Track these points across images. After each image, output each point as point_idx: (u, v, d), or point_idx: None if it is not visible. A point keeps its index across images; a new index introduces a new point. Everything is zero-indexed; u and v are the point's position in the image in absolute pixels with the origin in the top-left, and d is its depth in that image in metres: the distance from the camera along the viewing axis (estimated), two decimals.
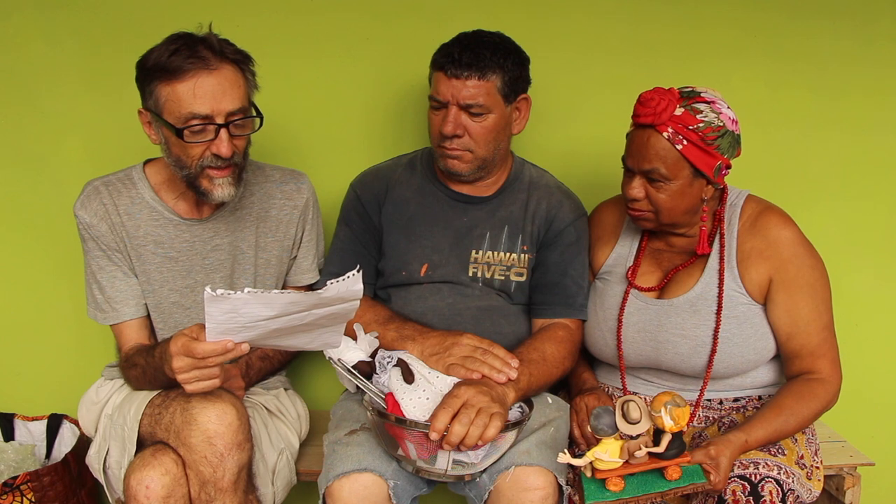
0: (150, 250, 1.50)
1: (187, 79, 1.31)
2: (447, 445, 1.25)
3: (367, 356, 1.44)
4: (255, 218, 1.58)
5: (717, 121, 1.38)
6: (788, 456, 1.39)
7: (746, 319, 1.46)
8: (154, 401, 1.39)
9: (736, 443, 1.31)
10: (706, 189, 1.44)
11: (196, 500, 1.32)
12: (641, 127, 1.40)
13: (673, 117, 1.36)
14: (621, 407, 1.20)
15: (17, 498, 1.72)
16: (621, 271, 1.59)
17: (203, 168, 1.37)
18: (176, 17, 1.86)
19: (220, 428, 1.29)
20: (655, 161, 1.38)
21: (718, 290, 1.46)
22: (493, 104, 1.51)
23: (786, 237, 1.45)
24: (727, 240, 1.49)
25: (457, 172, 1.57)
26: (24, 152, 1.92)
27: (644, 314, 1.52)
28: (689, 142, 1.37)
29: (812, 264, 1.45)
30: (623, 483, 1.23)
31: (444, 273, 1.60)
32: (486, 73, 1.48)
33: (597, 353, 1.62)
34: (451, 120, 1.51)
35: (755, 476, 1.30)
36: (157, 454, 1.31)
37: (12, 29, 1.87)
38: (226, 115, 1.34)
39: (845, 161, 2.04)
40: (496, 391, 1.33)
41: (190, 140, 1.34)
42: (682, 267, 1.53)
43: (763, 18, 1.96)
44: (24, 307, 1.99)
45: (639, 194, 1.43)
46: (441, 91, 1.51)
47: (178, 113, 1.32)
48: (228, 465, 1.31)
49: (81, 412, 1.58)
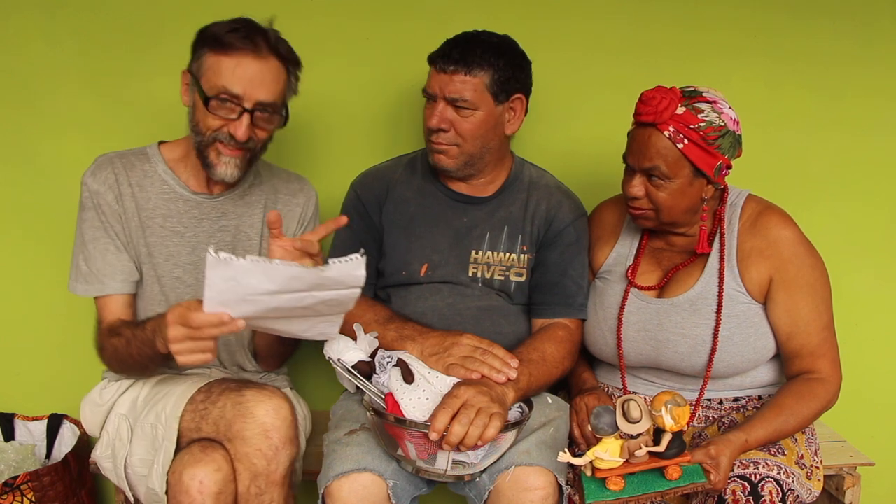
0: (158, 223, 1.52)
1: (234, 56, 1.37)
2: (447, 446, 1.25)
3: (367, 356, 1.44)
4: (262, 207, 1.60)
5: (718, 120, 1.38)
6: (788, 456, 1.39)
7: (746, 319, 1.46)
8: (196, 397, 1.39)
9: (736, 442, 1.31)
10: (706, 188, 1.44)
11: (244, 493, 1.33)
12: (643, 125, 1.40)
13: (674, 116, 1.37)
14: (622, 406, 1.20)
15: (17, 498, 1.72)
16: (621, 270, 1.59)
17: (215, 140, 1.42)
18: (176, 18, 1.88)
19: (276, 422, 1.32)
20: (656, 159, 1.38)
21: (718, 289, 1.46)
22: (480, 101, 1.52)
23: (786, 237, 1.45)
24: (727, 239, 1.48)
25: (443, 167, 1.58)
26: (24, 152, 1.92)
27: (644, 313, 1.51)
28: (689, 141, 1.37)
29: (812, 264, 1.45)
30: (623, 482, 1.23)
31: (444, 273, 1.60)
32: (473, 69, 1.49)
33: (597, 352, 1.61)
34: (437, 113, 1.52)
35: (755, 476, 1.30)
36: (206, 450, 1.32)
37: (12, 29, 1.87)
38: (255, 103, 1.39)
39: (845, 161, 2.04)
40: (496, 391, 1.33)
41: (214, 111, 1.39)
42: (682, 266, 1.53)
43: (763, 19, 1.97)
44: (24, 307, 1.99)
45: (639, 192, 1.44)
46: (431, 84, 1.53)
47: (214, 83, 1.38)
48: (282, 458, 1.33)
49: (85, 414, 1.59)
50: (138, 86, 1.90)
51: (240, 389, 1.35)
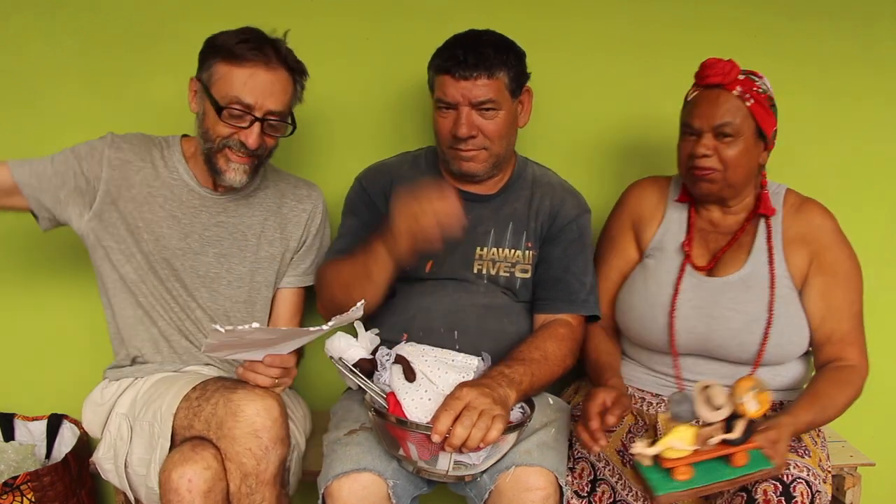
0: (159, 203, 1.55)
1: (246, 67, 1.42)
2: (449, 448, 1.25)
3: (368, 353, 1.44)
4: (265, 210, 1.62)
5: (770, 91, 1.49)
6: (813, 458, 1.40)
7: (791, 301, 1.50)
8: (190, 395, 1.40)
9: (790, 427, 1.31)
10: (763, 155, 1.51)
11: (236, 492, 1.34)
12: (710, 87, 1.47)
13: (738, 79, 1.46)
14: (702, 392, 1.17)
15: (17, 498, 1.72)
16: (673, 245, 1.60)
17: (224, 147, 1.46)
18: (176, 18, 1.88)
19: (266, 422, 1.32)
20: (727, 116, 1.45)
21: (770, 267, 1.51)
22: (503, 100, 1.52)
23: (829, 226, 1.54)
24: (773, 222, 1.54)
25: (472, 174, 1.57)
26: (24, 152, 1.91)
27: (698, 290, 1.54)
28: (755, 101, 1.46)
29: (850, 255, 1.53)
30: (692, 471, 1.18)
31: (449, 270, 1.60)
32: (494, 71, 1.49)
33: (643, 332, 1.58)
34: (464, 122, 1.51)
35: (787, 476, 1.31)
36: (196, 448, 1.32)
37: (12, 29, 1.87)
38: (266, 112, 1.44)
39: (845, 162, 2.04)
40: (498, 392, 1.33)
41: (226, 120, 1.44)
42: (727, 247, 1.56)
43: (763, 19, 1.97)
44: (24, 307, 1.99)
45: (709, 151, 1.47)
46: (449, 93, 1.50)
47: (226, 93, 1.42)
48: (272, 458, 1.33)
49: (86, 414, 1.59)
50: (138, 86, 1.89)
51: (232, 388, 1.36)
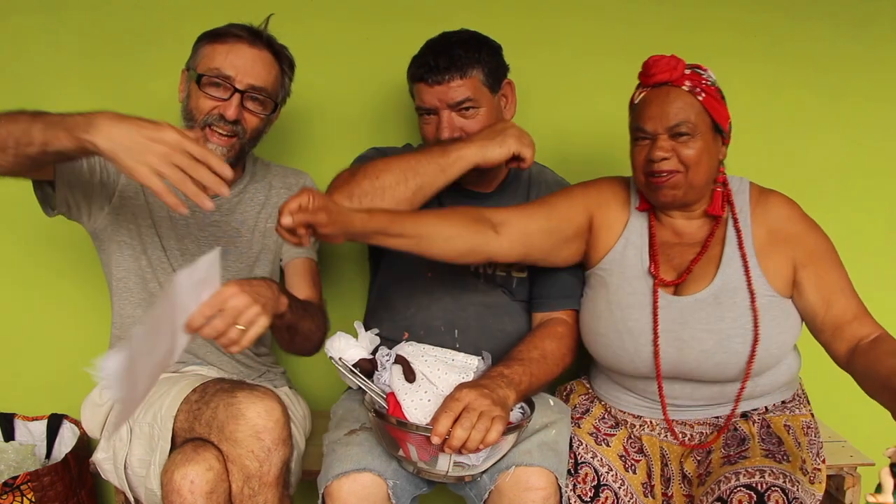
0: (159, 203, 1.54)
1: (228, 43, 1.45)
2: (449, 449, 1.24)
3: (368, 353, 1.44)
4: (257, 204, 1.63)
5: (717, 82, 1.41)
6: (793, 462, 1.36)
7: (770, 309, 1.40)
8: (190, 397, 1.39)
9: None
10: (721, 150, 1.43)
11: (238, 494, 1.33)
12: (658, 86, 1.39)
13: (686, 74, 1.39)
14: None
15: (17, 498, 1.72)
16: (635, 264, 1.48)
17: (206, 125, 1.45)
18: (176, 19, 1.88)
19: (268, 423, 1.31)
20: (681, 114, 1.36)
21: (746, 277, 1.41)
22: (482, 97, 1.52)
23: (796, 215, 1.45)
24: (742, 226, 1.45)
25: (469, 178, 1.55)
26: None
27: (666, 311, 1.42)
28: (706, 94, 1.38)
29: (821, 233, 1.45)
30: None
31: (449, 269, 1.60)
32: (467, 70, 1.49)
33: (614, 361, 1.48)
34: (445, 125, 1.51)
35: (761, 485, 1.28)
36: (198, 450, 1.32)
37: (12, 29, 1.87)
38: (247, 85, 1.45)
39: (845, 163, 2.04)
40: (497, 394, 1.32)
41: (205, 90, 1.44)
42: (694, 263, 1.45)
43: (763, 20, 1.97)
44: (24, 307, 1.99)
45: (666, 153, 1.37)
46: (427, 100, 1.51)
47: (207, 66, 1.45)
48: (274, 460, 1.33)
49: (85, 414, 1.59)
50: (138, 86, 1.89)
51: (232, 390, 1.35)
